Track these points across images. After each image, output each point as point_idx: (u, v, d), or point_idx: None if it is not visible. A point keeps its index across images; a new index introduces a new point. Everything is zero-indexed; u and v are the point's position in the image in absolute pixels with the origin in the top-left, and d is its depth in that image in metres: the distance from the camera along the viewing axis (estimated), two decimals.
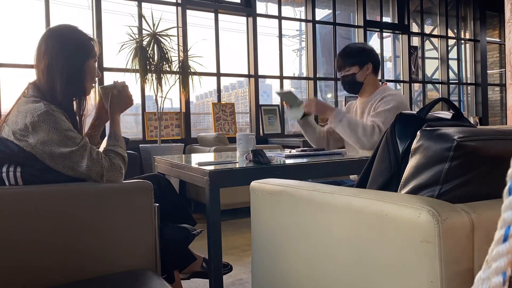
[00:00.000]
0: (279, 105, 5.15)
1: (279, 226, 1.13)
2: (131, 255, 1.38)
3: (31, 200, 1.28)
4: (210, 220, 1.55)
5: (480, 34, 7.17)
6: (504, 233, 0.43)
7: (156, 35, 3.85)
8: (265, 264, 1.21)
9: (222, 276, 1.61)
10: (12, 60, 3.83)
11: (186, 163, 1.85)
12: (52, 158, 1.35)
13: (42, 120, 1.34)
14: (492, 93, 7.74)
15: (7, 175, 1.36)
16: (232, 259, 2.66)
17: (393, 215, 0.79)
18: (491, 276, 0.43)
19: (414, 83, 6.53)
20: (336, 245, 0.93)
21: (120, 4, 4.34)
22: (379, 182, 1.03)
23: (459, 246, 0.73)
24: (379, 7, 6.13)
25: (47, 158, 1.35)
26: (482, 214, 0.76)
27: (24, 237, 1.25)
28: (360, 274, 0.87)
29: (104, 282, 1.25)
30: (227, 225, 3.53)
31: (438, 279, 0.71)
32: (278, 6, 5.22)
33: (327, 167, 1.83)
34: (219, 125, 4.67)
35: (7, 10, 4.04)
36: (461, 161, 0.81)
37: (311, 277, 1.01)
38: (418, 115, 1.03)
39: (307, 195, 1.03)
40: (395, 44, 6.84)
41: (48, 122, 1.34)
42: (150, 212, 1.42)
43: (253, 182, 1.26)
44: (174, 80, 4.05)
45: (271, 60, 5.30)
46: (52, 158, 1.35)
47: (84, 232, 1.32)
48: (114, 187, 1.40)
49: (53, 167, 1.35)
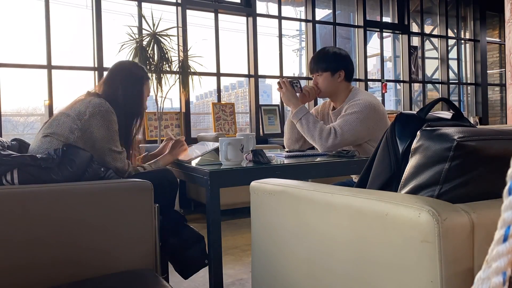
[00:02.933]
0: (279, 105, 5.16)
1: (279, 226, 1.13)
2: (131, 255, 1.38)
3: (30, 200, 1.28)
4: (210, 220, 1.55)
5: (480, 34, 7.17)
6: (504, 233, 0.43)
7: (156, 35, 3.85)
8: (265, 264, 1.21)
9: (222, 276, 1.61)
10: (12, 60, 3.83)
11: (186, 163, 1.85)
12: (94, 147, 1.62)
13: (100, 114, 1.63)
14: (492, 93, 7.74)
15: (4, 174, 1.36)
16: (232, 259, 2.67)
17: (393, 215, 0.79)
18: (491, 276, 0.43)
19: (414, 83, 6.52)
20: (336, 245, 0.93)
21: (120, 4, 4.34)
22: (379, 182, 1.03)
23: (459, 246, 0.73)
24: (379, 7, 6.12)
25: (89, 144, 1.62)
26: (482, 214, 0.76)
27: (23, 237, 1.25)
28: (360, 274, 0.87)
29: (104, 282, 1.25)
30: (227, 225, 3.53)
31: (438, 279, 0.71)
32: (278, 6, 5.22)
33: (327, 167, 1.83)
34: (219, 125, 4.66)
35: (7, 10, 4.04)
36: (461, 161, 0.81)
37: (311, 277, 1.01)
38: (418, 115, 1.03)
39: (307, 195, 1.03)
40: (395, 44, 6.84)
41: (104, 118, 1.64)
42: (150, 212, 1.42)
43: (253, 182, 1.26)
44: (174, 80, 4.05)
45: (271, 60, 5.30)
46: (94, 147, 1.62)
47: (84, 232, 1.32)
48: (114, 186, 1.40)
49: (91, 152, 1.55)
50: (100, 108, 1.65)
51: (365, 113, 1.98)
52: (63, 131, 1.60)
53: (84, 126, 1.62)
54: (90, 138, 1.63)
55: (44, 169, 1.38)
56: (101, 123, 1.63)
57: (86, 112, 1.63)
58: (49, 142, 1.58)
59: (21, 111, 4.84)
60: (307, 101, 2.20)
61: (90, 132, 1.63)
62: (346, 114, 2.01)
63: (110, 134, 1.65)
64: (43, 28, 3.88)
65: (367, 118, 1.98)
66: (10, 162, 1.36)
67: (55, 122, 1.64)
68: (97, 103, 1.66)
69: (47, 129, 1.63)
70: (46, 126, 1.64)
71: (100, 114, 1.64)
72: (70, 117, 1.63)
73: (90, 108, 1.64)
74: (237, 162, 1.67)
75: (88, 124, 1.62)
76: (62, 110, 1.70)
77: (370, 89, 6.37)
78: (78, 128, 1.61)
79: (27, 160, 1.37)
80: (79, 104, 1.68)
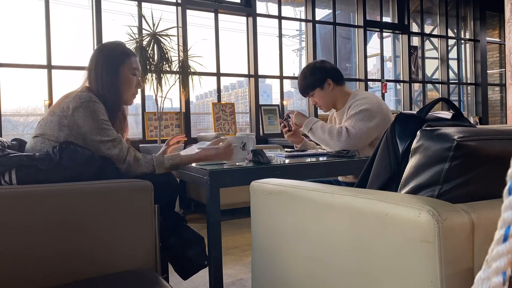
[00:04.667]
0: (279, 105, 5.16)
1: (279, 226, 1.13)
2: (131, 255, 1.38)
3: (30, 200, 1.28)
4: (210, 220, 1.55)
5: (480, 34, 7.17)
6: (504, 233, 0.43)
7: (156, 35, 3.85)
8: (265, 264, 1.21)
9: (222, 276, 1.61)
10: (12, 60, 3.83)
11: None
12: (85, 142, 1.58)
13: (82, 106, 1.58)
14: (492, 93, 7.74)
15: (2, 174, 1.36)
16: (232, 259, 2.67)
17: (393, 215, 0.79)
18: (491, 276, 0.43)
19: (414, 83, 6.53)
20: (336, 245, 0.93)
21: (120, 4, 4.34)
22: (379, 182, 1.03)
23: (459, 246, 0.73)
24: (379, 7, 6.12)
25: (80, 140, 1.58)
26: (482, 214, 0.76)
27: (23, 237, 1.25)
28: (360, 274, 0.87)
29: (104, 282, 1.25)
30: (227, 225, 3.53)
31: (438, 279, 0.71)
32: (278, 6, 5.22)
33: (327, 167, 1.83)
34: (219, 125, 4.66)
35: (7, 10, 4.04)
36: (461, 161, 0.81)
37: (311, 277, 1.01)
38: (418, 115, 1.03)
39: (307, 195, 1.03)
40: (395, 44, 6.84)
41: (87, 109, 1.58)
42: (150, 212, 1.42)
43: (253, 182, 1.26)
44: (174, 80, 4.05)
45: (271, 60, 5.30)
46: (85, 142, 1.58)
47: (84, 232, 1.32)
48: (114, 186, 1.40)
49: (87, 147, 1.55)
50: (80, 100, 1.60)
51: (371, 110, 2.01)
52: (52, 131, 1.59)
53: (70, 122, 1.59)
54: (79, 133, 1.59)
55: (41, 169, 1.38)
56: (85, 115, 1.58)
57: (69, 107, 1.60)
58: (41, 143, 1.58)
59: (21, 111, 4.83)
60: (298, 135, 2.31)
61: (77, 127, 1.59)
62: (354, 113, 2.02)
63: (98, 124, 1.59)
64: (43, 28, 3.88)
65: (375, 113, 2.01)
66: (7, 162, 1.35)
67: (43, 122, 1.63)
68: (77, 96, 1.62)
69: (37, 129, 1.62)
70: (37, 127, 1.64)
71: (82, 106, 1.59)
72: (56, 115, 1.61)
73: (72, 102, 1.60)
74: (239, 160, 1.67)
75: (73, 119, 1.59)
76: (50, 109, 1.69)
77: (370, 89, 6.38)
78: (65, 125, 1.59)
79: (24, 160, 1.37)
80: (62, 101, 1.65)
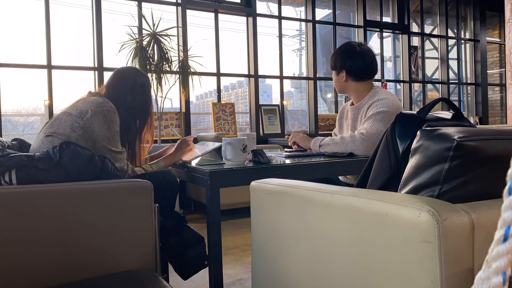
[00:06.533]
0: (279, 105, 5.16)
1: (279, 226, 1.13)
2: (131, 255, 1.38)
3: (30, 200, 1.28)
4: (210, 220, 1.55)
5: (480, 34, 7.17)
6: (504, 233, 0.43)
7: (156, 35, 3.85)
8: (265, 264, 1.21)
9: (222, 276, 1.61)
10: (12, 60, 3.83)
11: (186, 163, 1.85)
12: (94, 146, 1.62)
13: (102, 113, 1.64)
14: (492, 93, 7.74)
15: (2, 174, 1.36)
16: (232, 259, 2.66)
17: (393, 215, 0.79)
18: (491, 276, 0.43)
19: (414, 83, 6.52)
20: (336, 244, 0.93)
21: (120, 4, 4.34)
22: (379, 182, 1.03)
23: (459, 246, 0.73)
24: (379, 7, 6.12)
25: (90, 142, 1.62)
26: (482, 214, 0.76)
27: (23, 237, 1.25)
28: (360, 274, 0.87)
29: (104, 282, 1.25)
30: (227, 225, 3.52)
31: (438, 279, 0.71)
32: (278, 6, 5.21)
33: (327, 167, 1.83)
34: (219, 125, 4.66)
35: (7, 10, 4.04)
36: (461, 161, 0.81)
37: (311, 277, 1.01)
38: (418, 115, 1.03)
39: (307, 195, 1.03)
40: (395, 44, 6.84)
41: (106, 117, 1.64)
42: (150, 212, 1.42)
43: (253, 182, 1.26)
44: (174, 80, 4.05)
45: (271, 60, 5.30)
46: (94, 146, 1.62)
47: (84, 232, 1.32)
48: (114, 186, 1.40)
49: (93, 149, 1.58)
50: (102, 107, 1.65)
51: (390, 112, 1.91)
52: (64, 130, 1.60)
53: (86, 124, 1.62)
54: (91, 136, 1.63)
55: (41, 169, 1.37)
56: (103, 122, 1.63)
57: (88, 110, 1.63)
58: (50, 142, 1.58)
59: (21, 111, 4.83)
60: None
61: (91, 131, 1.62)
62: (372, 114, 1.94)
63: (111, 134, 1.65)
64: (43, 28, 3.88)
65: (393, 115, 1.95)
66: (7, 162, 1.35)
67: (56, 121, 1.64)
68: (99, 102, 1.66)
69: (49, 128, 1.62)
70: (48, 126, 1.64)
71: (103, 113, 1.64)
72: (72, 116, 1.63)
73: (93, 106, 1.64)
74: (239, 162, 1.67)
75: (89, 122, 1.62)
76: (63, 110, 1.71)
77: None
78: (79, 126, 1.61)
79: (24, 160, 1.37)
80: (81, 103, 1.68)
